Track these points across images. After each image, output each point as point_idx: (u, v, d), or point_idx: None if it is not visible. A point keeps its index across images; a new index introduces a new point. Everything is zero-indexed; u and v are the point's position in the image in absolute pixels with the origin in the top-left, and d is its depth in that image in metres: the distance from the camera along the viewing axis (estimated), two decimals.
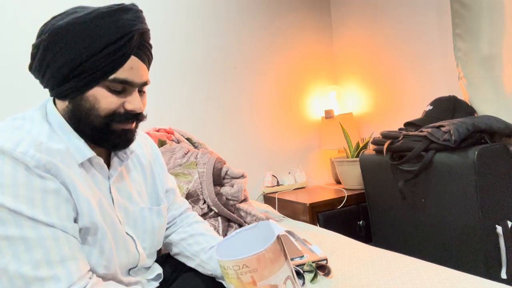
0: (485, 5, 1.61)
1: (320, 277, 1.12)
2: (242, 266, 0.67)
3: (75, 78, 0.70)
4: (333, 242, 1.45)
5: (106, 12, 0.70)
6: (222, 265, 0.69)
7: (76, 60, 0.69)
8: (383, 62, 2.32)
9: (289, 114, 2.52)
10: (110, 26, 0.69)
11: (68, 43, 0.68)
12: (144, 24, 0.75)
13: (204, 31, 2.25)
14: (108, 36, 0.69)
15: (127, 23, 0.70)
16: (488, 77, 1.63)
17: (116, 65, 0.70)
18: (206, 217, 1.71)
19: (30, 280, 0.61)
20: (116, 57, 0.70)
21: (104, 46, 0.69)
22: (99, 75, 0.70)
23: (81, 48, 0.68)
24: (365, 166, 1.87)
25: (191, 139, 1.99)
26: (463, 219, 1.42)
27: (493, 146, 1.40)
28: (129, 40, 0.71)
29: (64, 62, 0.69)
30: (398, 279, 1.05)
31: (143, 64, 0.76)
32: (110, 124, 0.74)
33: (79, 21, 0.68)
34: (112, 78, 0.71)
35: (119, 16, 0.70)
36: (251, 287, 0.68)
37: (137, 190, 0.90)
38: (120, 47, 0.70)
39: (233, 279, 0.68)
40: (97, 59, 0.69)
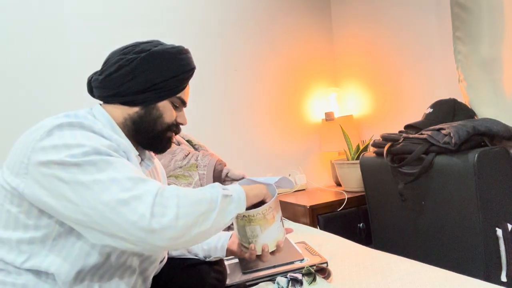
0: (485, 8, 1.61)
1: (320, 280, 1.12)
2: (268, 208, 0.93)
3: (154, 91, 0.90)
4: (333, 245, 1.45)
5: (183, 50, 0.95)
6: (252, 214, 0.91)
7: (160, 78, 0.90)
8: (384, 64, 2.33)
9: (289, 116, 2.53)
10: (186, 61, 0.94)
11: (158, 65, 0.90)
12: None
13: (204, 33, 2.25)
14: (183, 67, 0.93)
15: (192, 61, 0.97)
16: (488, 80, 1.64)
17: (182, 88, 0.94)
18: None
19: (136, 180, 0.72)
20: (183, 82, 0.94)
21: (180, 73, 0.92)
22: (171, 93, 0.92)
23: (166, 71, 0.91)
24: (366, 169, 1.87)
25: (191, 141, 2.00)
26: (463, 222, 1.42)
27: (493, 149, 1.40)
28: (191, 72, 0.96)
29: (151, 77, 0.89)
30: (398, 282, 1.05)
31: (189, 91, 1.01)
32: (166, 132, 0.94)
33: (168, 52, 0.92)
34: (178, 96, 0.94)
35: (187, 55, 0.96)
36: (272, 221, 0.95)
37: None
38: (187, 76, 0.94)
39: (260, 221, 0.93)
40: (173, 81, 0.91)
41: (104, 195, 0.69)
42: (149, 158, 1.00)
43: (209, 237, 0.81)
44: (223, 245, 1.09)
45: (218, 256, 1.08)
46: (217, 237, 1.11)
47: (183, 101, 0.96)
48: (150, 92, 0.90)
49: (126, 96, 0.90)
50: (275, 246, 0.98)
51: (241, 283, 1.12)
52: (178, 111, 0.97)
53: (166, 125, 0.93)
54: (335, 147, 2.43)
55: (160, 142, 0.95)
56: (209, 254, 1.08)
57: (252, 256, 0.99)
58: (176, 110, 0.96)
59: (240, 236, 0.99)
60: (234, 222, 0.98)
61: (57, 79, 1.88)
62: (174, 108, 0.94)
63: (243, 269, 1.19)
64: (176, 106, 0.95)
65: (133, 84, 0.89)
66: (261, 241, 0.96)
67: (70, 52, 1.91)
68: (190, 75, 0.96)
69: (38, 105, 1.83)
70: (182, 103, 0.97)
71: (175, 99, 0.94)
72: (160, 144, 0.95)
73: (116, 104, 0.91)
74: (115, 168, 0.73)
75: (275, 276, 1.14)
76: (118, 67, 0.89)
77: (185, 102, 0.97)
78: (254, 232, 0.94)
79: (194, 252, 1.08)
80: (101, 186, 0.70)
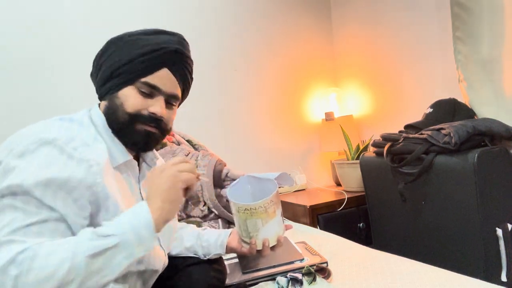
0: (486, 8, 1.61)
1: (320, 280, 1.12)
2: (270, 201, 0.92)
3: (115, 78, 0.83)
4: (333, 245, 1.45)
5: (152, 31, 0.85)
6: (253, 207, 0.91)
7: (118, 63, 0.82)
8: (384, 64, 2.33)
9: (289, 116, 2.53)
10: (151, 41, 0.84)
11: (116, 50, 0.83)
12: (185, 50, 0.89)
13: (204, 33, 2.25)
14: (148, 47, 0.82)
15: (165, 41, 0.85)
16: (488, 80, 1.64)
17: (148, 71, 0.83)
18: (206, 219, 1.71)
19: (1, 242, 0.64)
20: (149, 64, 0.83)
21: (142, 54, 0.82)
22: (133, 77, 0.82)
23: (124, 54, 0.82)
24: (366, 169, 1.87)
25: (191, 141, 2.00)
26: (463, 222, 1.42)
27: (493, 149, 1.40)
28: (163, 54, 0.84)
29: (110, 64, 0.83)
30: (398, 282, 1.05)
31: (175, 79, 0.87)
32: (135, 123, 0.83)
33: (128, 34, 0.84)
34: (143, 81, 0.83)
35: (161, 36, 0.85)
36: (273, 215, 0.95)
37: None
38: (155, 57, 0.83)
39: (261, 214, 0.93)
40: (134, 63, 0.82)
41: None
42: (152, 159, 0.97)
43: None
44: (223, 242, 1.07)
45: (218, 253, 1.07)
46: (216, 233, 1.10)
47: (153, 86, 0.83)
48: (112, 80, 0.83)
49: (98, 91, 0.87)
50: (275, 241, 0.98)
51: (241, 282, 1.12)
52: (151, 99, 0.84)
53: (128, 115, 0.82)
54: (335, 147, 2.43)
55: (130, 137, 0.84)
56: (209, 251, 1.07)
57: (252, 251, 0.98)
58: (147, 99, 0.84)
59: (240, 231, 0.98)
60: (235, 216, 0.97)
61: (56, 78, 1.88)
62: (143, 96, 0.83)
63: (243, 268, 1.19)
64: (145, 94, 0.83)
65: (100, 76, 0.86)
66: (262, 236, 0.95)
67: (70, 50, 1.90)
68: (158, 56, 0.83)
69: (37, 105, 1.83)
70: (154, 89, 0.84)
71: (141, 85, 0.82)
72: (132, 139, 0.84)
73: (101, 101, 0.89)
74: (5, 217, 0.66)
75: (275, 275, 1.14)
76: (92, 64, 0.89)
77: (156, 87, 0.84)
78: (255, 226, 0.94)
79: (193, 250, 1.08)
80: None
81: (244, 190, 1.07)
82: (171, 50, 0.85)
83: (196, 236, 1.10)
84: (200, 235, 1.10)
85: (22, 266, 0.61)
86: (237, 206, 0.95)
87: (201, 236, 1.10)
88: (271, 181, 1.00)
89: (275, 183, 0.99)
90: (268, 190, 1.01)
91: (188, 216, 1.67)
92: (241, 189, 1.07)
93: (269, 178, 1.01)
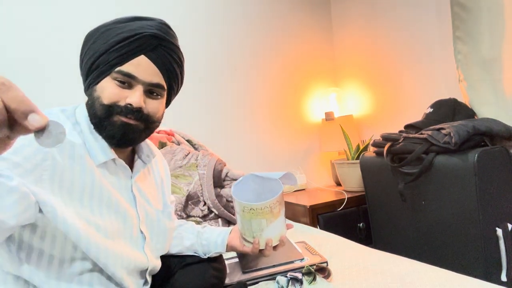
0: (485, 8, 1.61)
1: (320, 279, 1.12)
2: (275, 201, 0.92)
3: (94, 72, 0.80)
4: (333, 244, 1.45)
5: (127, 18, 0.82)
6: (259, 207, 0.91)
7: (95, 54, 0.79)
8: (384, 64, 2.33)
9: (289, 116, 2.53)
10: (125, 28, 0.80)
11: (93, 42, 0.80)
12: (166, 35, 0.83)
13: (204, 33, 2.25)
14: (121, 35, 0.79)
15: (141, 27, 0.80)
16: (488, 79, 1.64)
17: (123, 60, 0.78)
18: (206, 219, 1.71)
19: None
20: (124, 52, 0.78)
21: (116, 43, 0.78)
22: (108, 68, 0.79)
23: (100, 45, 0.79)
24: (366, 168, 1.87)
25: (191, 141, 2.00)
26: (463, 222, 1.42)
27: (493, 149, 1.40)
28: (138, 39, 0.79)
29: (88, 58, 0.80)
30: (398, 282, 1.05)
31: (154, 66, 0.82)
32: (111, 115, 0.79)
33: (104, 25, 0.81)
34: (118, 69, 0.79)
35: (136, 22, 0.81)
36: (278, 215, 0.95)
37: (152, 194, 0.97)
38: (129, 43, 0.78)
39: (267, 214, 0.92)
40: (109, 53, 0.78)
41: None
42: (148, 155, 0.94)
43: None
44: (224, 240, 1.06)
45: (218, 251, 1.06)
46: (217, 232, 1.09)
47: (128, 75, 0.78)
48: (92, 73, 0.80)
49: (84, 87, 0.85)
50: (278, 241, 0.98)
51: (241, 282, 1.12)
52: (130, 90, 0.80)
53: (104, 107, 0.78)
54: (335, 147, 2.43)
55: (105, 129, 0.79)
56: (209, 249, 1.06)
57: (255, 250, 0.97)
58: (125, 89, 0.80)
59: (244, 230, 0.98)
60: (238, 215, 0.97)
61: (52, 74, 1.88)
62: (120, 86, 0.79)
63: (243, 268, 1.19)
64: (122, 84, 0.79)
65: (82, 72, 0.83)
66: (265, 235, 0.95)
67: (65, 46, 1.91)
68: (131, 43, 0.78)
69: None
70: (130, 78, 0.79)
71: (116, 75, 0.78)
72: (108, 132, 0.79)
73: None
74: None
75: (275, 275, 1.14)
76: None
77: (132, 76, 0.79)
78: (259, 225, 0.94)
79: (193, 248, 1.07)
80: None
81: (248, 189, 1.06)
82: (147, 35, 0.79)
83: (196, 235, 1.09)
84: (200, 233, 1.10)
85: None
86: (242, 205, 0.94)
87: (201, 234, 1.09)
88: (275, 180, 0.99)
89: (280, 183, 0.99)
90: (273, 189, 1.01)
91: (188, 216, 1.67)
92: (245, 188, 1.06)
93: (273, 178, 1.00)
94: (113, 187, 0.85)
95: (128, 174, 0.89)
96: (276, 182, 0.99)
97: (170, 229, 1.01)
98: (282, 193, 0.95)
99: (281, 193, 0.95)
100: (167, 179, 1.09)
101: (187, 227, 1.13)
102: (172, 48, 0.85)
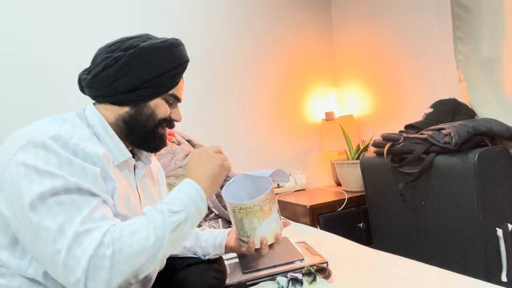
0: (486, 8, 1.61)
1: (320, 279, 1.12)
2: (265, 199, 0.93)
3: (144, 89, 0.86)
4: (333, 245, 1.45)
5: (175, 43, 0.90)
6: (248, 206, 0.92)
7: (150, 75, 0.86)
8: (384, 64, 2.33)
9: (289, 116, 2.53)
10: (177, 54, 0.89)
11: (147, 61, 0.85)
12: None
13: (204, 33, 2.25)
14: (174, 62, 0.88)
15: (184, 54, 0.92)
16: (488, 80, 1.64)
17: (175, 84, 0.90)
18: (206, 219, 1.71)
19: (80, 234, 0.69)
20: (176, 77, 0.89)
21: (171, 68, 0.88)
22: (164, 89, 0.88)
23: (156, 67, 0.86)
24: (366, 169, 1.87)
25: (191, 141, 2.00)
26: (464, 222, 1.42)
27: (493, 149, 1.40)
28: (185, 67, 0.92)
29: (140, 75, 0.85)
30: (398, 282, 1.05)
31: (183, 85, 0.96)
32: (157, 129, 0.90)
33: (157, 47, 0.87)
34: (171, 93, 0.90)
35: (179, 48, 0.91)
36: (269, 213, 0.95)
37: (153, 193, 1.02)
38: (180, 71, 0.90)
39: (257, 213, 0.93)
40: (165, 77, 0.87)
41: (48, 247, 0.67)
42: (146, 157, 0.99)
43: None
44: (221, 242, 1.08)
45: (217, 253, 1.07)
46: (215, 234, 1.10)
47: (176, 97, 0.92)
48: (140, 90, 0.86)
49: (115, 96, 0.86)
50: (273, 239, 0.98)
51: (241, 282, 1.12)
52: (172, 107, 0.93)
53: (158, 122, 0.90)
54: (335, 147, 2.43)
55: (153, 141, 0.91)
56: (208, 251, 1.08)
57: (250, 249, 0.99)
58: (170, 107, 0.92)
59: (238, 230, 0.98)
60: (231, 216, 0.98)
61: (50, 77, 1.88)
62: (168, 105, 0.91)
63: (243, 268, 1.19)
64: (169, 103, 0.92)
65: (121, 84, 0.85)
66: (259, 234, 0.96)
67: (63, 48, 1.90)
68: (183, 69, 0.91)
69: (32, 104, 1.83)
70: (176, 99, 0.93)
71: (168, 96, 0.90)
72: (154, 143, 0.92)
73: (106, 104, 0.88)
74: (68, 212, 0.70)
75: (276, 275, 1.14)
76: (104, 66, 0.85)
77: (178, 98, 0.93)
78: (252, 224, 0.94)
79: (193, 250, 1.08)
80: (47, 235, 0.68)
81: (239, 189, 1.07)
82: (185, 62, 0.92)
83: (195, 237, 1.10)
84: (198, 236, 1.11)
85: (114, 246, 0.69)
86: (232, 205, 0.95)
87: (199, 236, 1.11)
88: (265, 178, 1.00)
89: (270, 181, 0.99)
90: (263, 188, 1.01)
91: None
92: (236, 188, 1.07)
93: (263, 176, 1.00)
94: (128, 185, 0.89)
95: (132, 175, 0.94)
96: (266, 180, 1.00)
97: None
98: (272, 190, 0.96)
99: (271, 191, 0.95)
100: (162, 181, 1.12)
101: None
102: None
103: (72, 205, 0.71)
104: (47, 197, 0.69)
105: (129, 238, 0.71)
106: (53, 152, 0.73)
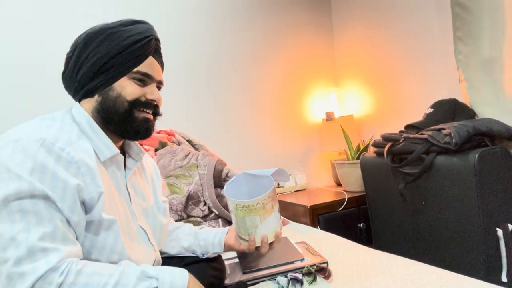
0: (486, 8, 1.61)
1: (320, 280, 1.12)
2: (267, 197, 0.93)
3: (105, 72, 0.83)
4: (333, 245, 1.45)
5: (130, 21, 0.87)
6: (251, 204, 0.92)
7: (107, 56, 0.83)
8: (384, 64, 2.33)
9: (289, 116, 2.53)
10: (134, 31, 0.86)
11: (101, 43, 0.83)
12: (157, 35, 0.92)
13: (204, 34, 2.25)
14: (132, 37, 0.85)
15: (146, 30, 0.87)
16: (488, 80, 1.64)
17: (138, 61, 0.85)
18: (206, 219, 1.71)
19: (35, 250, 0.66)
20: (138, 54, 0.85)
21: (129, 45, 0.84)
22: (125, 68, 0.84)
23: (111, 47, 0.83)
24: (366, 169, 1.87)
25: (191, 141, 2.00)
26: (464, 222, 1.42)
27: (493, 149, 1.40)
28: (148, 42, 0.87)
29: (96, 59, 0.83)
30: (398, 282, 1.05)
31: (159, 66, 0.91)
32: (133, 111, 0.86)
33: (110, 26, 0.85)
34: (136, 70, 0.85)
35: (139, 25, 0.88)
36: (271, 211, 0.96)
37: (146, 191, 1.00)
38: (142, 46, 0.85)
39: (260, 211, 0.93)
40: (124, 55, 0.83)
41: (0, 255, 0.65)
42: (138, 153, 0.97)
43: None
44: (220, 240, 1.07)
45: (216, 251, 1.07)
46: (213, 232, 1.10)
47: (146, 75, 0.87)
48: (101, 75, 0.83)
49: (83, 89, 0.85)
50: (273, 237, 0.99)
51: (241, 282, 1.12)
52: (146, 87, 0.88)
53: (128, 103, 0.85)
54: (335, 147, 2.43)
55: (130, 126, 0.86)
56: (207, 250, 1.07)
57: (251, 247, 0.99)
58: (142, 87, 0.87)
59: (239, 228, 0.98)
60: (232, 214, 0.98)
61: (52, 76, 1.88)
62: (138, 85, 0.86)
63: (243, 268, 1.19)
64: (139, 83, 0.87)
65: (83, 74, 0.84)
66: (260, 232, 0.96)
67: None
68: (145, 45, 0.86)
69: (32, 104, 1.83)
70: (147, 77, 0.87)
71: (135, 75, 0.85)
72: (131, 128, 0.86)
73: (83, 99, 0.87)
74: (28, 222, 0.67)
75: (276, 275, 1.14)
76: (66, 63, 0.87)
77: (149, 75, 0.87)
78: (253, 222, 0.95)
79: (191, 249, 1.08)
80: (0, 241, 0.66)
81: (240, 188, 1.08)
82: (152, 39, 0.87)
83: (194, 236, 1.10)
84: (197, 234, 1.10)
85: (67, 277, 0.67)
86: (235, 203, 0.95)
87: (198, 235, 1.10)
88: (267, 177, 1.01)
89: (272, 179, 1.00)
90: (264, 186, 1.02)
91: (188, 216, 1.67)
92: (238, 187, 1.07)
93: (265, 175, 1.01)
94: (114, 184, 0.87)
95: (122, 172, 0.92)
96: (268, 178, 1.00)
97: (166, 224, 1.04)
98: (274, 189, 0.96)
99: (273, 189, 0.95)
100: (157, 179, 1.10)
101: (185, 228, 1.14)
102: (161, 47, 0.95)
103: (34, 215, 0.68)
104: (11, 200, 0.68)
105: (87, 277, 0.69)
106: (30, 157, 0.71)
